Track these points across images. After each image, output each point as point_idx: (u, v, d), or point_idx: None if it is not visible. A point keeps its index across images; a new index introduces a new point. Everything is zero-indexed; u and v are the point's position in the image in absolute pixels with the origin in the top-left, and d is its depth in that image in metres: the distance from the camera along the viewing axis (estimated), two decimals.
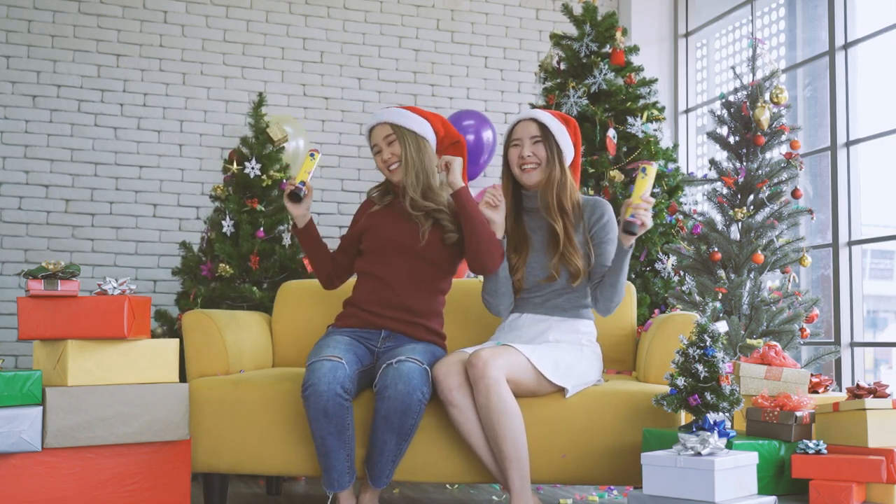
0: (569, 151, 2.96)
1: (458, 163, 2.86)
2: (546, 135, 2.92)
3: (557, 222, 2.87)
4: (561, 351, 2.81)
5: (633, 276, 4.18)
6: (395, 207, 3.01)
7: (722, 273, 3.77)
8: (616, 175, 4.17)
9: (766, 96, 3.80)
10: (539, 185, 2.94)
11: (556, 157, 2.92)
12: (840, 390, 4.15)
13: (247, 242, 3.94)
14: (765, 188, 3.74)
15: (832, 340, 4.47)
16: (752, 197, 3.79)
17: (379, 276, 2.94)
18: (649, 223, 2.67)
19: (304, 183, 2.90)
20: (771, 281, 3.87)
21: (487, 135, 5.33)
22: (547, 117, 2.94)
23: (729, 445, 2.42)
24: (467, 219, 2.85)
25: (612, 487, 3.72)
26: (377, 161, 3.00)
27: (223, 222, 3.98)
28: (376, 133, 2.99)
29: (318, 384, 2.60)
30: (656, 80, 4.46)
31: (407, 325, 2.92)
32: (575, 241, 2.87)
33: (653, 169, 2.70)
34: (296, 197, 2.91)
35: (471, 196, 2.87)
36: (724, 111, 3.87)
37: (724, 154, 3.89)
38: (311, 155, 2.95)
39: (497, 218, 2.90)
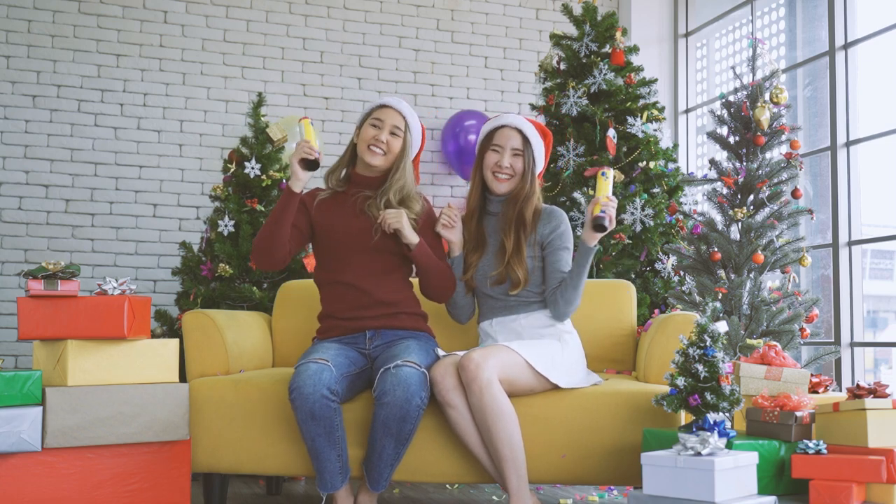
0: (541, 165, 3.01)
1: (405, 223, 2.83)
2: (527, 149, 2.94)
3: (509, 237, 2.90)
4: (544, 346, 2.83)
5: (633, 276, 4.18)
6: (346, 201, 2.97)
7: (722, 273, 3.77)
8: (616, 175, 4.17)
9: (766, 96, 3.80)
10: (507, 194, 2.96)
11: (530, 172, 2.94)
12: (840, 390, 4.15)
13: (247, 242, 3.94)
14: (765, 188, 3.74)
15: (832, 340, 4.47)
16: (752, 197, 3.79)
17: (345, 281, 2.92)
18: (614, 222, 2.78)
19: (318, 152, 2.82)
20: (771, 281, 3.86)
21: None
22: (531, 130, 2.96)
23: (729, 445, 2.42)
24: (421, 270, 2.92)
25: (612, 487, 3.72)
26: (366, 132, 2.93)
27: (223, 222, 3.98)
28: (388, 114, 2.94)
29: (304, 387, 2.60)
30: (656, 80, 4.46)
31: (389, 318, 2.92)
32: (523, 251, 2.90)
33: (611, 173, 2.83)
34: (314, 164, 2.80)
35: (426, 248, 2.89)
36: (724, 111, 3.87)
37: (724, 154, 3.89)
38: (312, 123, 2.86)
39: (453, 237, 2.96)
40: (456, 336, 3.24)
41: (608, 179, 2.81)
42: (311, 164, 2.80)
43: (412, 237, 2.85)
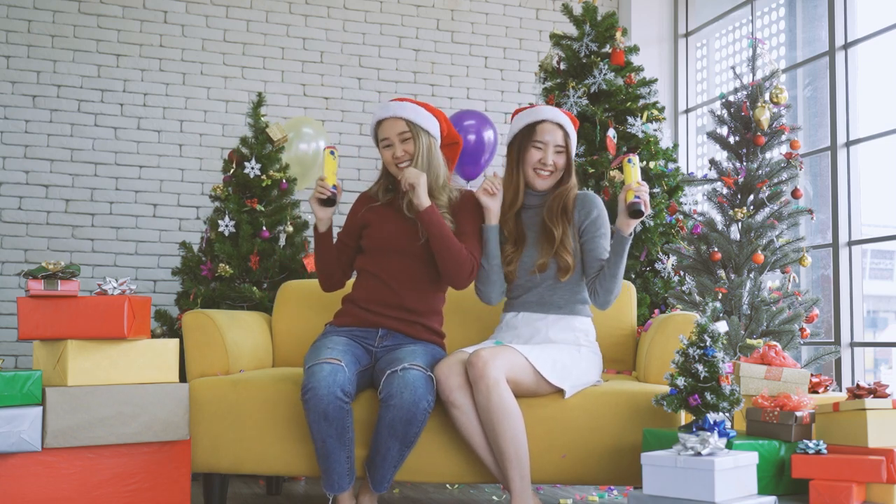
0: (573, 153, 3.00)
1: (422, 183, 2.83)
2: (568, 144, 2.94)
3: (557, 227, 2.89)
4: (559, 352, 2.81)
5: (633, 276, 4.18)
6: (396, 205, 2.99)
7: (722, 273, 3.77)
8: (616, 175, 4.17)
9: (766, 96, 3.80)
10: (547, 189, 2.95)
11: (571, 167, 2.94)
12: (840, 390, 4.15)
13: (247, 242, 3.94)
14: (765, 188, 3.74)
15: (832, 340, 4.47)
16: (752, 197, 3.79)
17: (378, 275, 2.94)
18: (649, 206, 2.78)
19: (335, 186, 2.87)
20: (771, 281, 3.87)
21: (488, 134, 5.33)
22: (569, 124, 2.95)
23: (729, 445, 2.42)
24: (432, 239, 2.85)
25: (612, 487, 3.72)
26: (385, 155, 2.94)
27: (223, 222, 3.98)
28: (389, 127, 2.92)
29: (318, 388, 2.59)
30: (656, 80, 4.46)
31: (405, 325, 2.92)
32: (569, 238, 2.89)
33: (637, 158, 2.84)
34: (330, 202, 2.87)
35: (436, 214, 2.84)
36: (724, 111, 3.87)
37: (724, 154, 3.90)
38: (332, 153, 2.91)
39: (492, 205, 2.92)
40: (463, 332, 3.24)
41: (635, 165, 2.81)
42: (328, 202, 2.87)
43: (424, 200, 2.82)
